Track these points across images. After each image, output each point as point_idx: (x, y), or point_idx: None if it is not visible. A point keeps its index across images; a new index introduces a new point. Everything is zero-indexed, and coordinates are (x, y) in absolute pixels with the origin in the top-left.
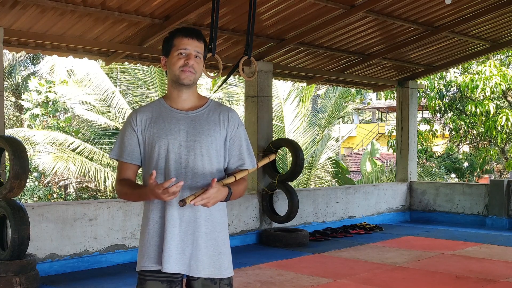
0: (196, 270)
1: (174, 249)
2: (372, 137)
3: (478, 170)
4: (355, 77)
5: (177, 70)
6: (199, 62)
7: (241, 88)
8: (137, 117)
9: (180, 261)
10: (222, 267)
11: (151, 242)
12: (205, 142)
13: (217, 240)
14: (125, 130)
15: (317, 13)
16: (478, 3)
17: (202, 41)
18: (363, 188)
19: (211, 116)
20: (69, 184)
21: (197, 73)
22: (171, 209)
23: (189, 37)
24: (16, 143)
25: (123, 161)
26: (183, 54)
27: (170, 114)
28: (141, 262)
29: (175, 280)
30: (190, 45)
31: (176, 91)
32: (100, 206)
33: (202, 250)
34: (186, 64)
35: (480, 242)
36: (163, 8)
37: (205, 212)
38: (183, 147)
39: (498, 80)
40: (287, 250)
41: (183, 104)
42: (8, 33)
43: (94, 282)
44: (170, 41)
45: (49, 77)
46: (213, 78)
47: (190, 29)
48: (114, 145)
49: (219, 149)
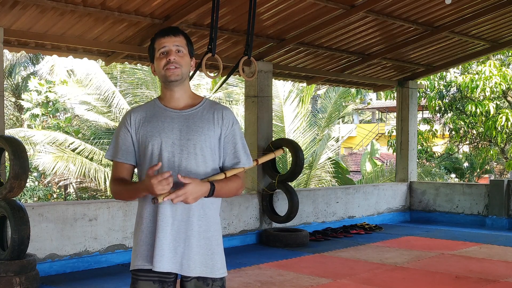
0: (188, 269)
1: (166, 248)
2: (372, 137)
3: (478, 170)
4: (355, 77)
5: (162, 70)
6: (182, 56)
7: (241, 88)
8: (131, 117)
9: (172, 260)
10: (215, 267)
11: (144, 241)
12: (199, 141)
13: (210, 240)
14: (119, 130)
15: (317, 13)
16: (478, 3)
17: (181, 35)
18: (363, 188)
19: (205, 115)
20: (69, 184)
21: (183, 66)
22: (164, 208)
23: (165, 36)
24: (16, 143)
25: (117, 161)
26: (164, 53)
27: (164, 113)
28: (134, 261)
29: (167, 280)
30: (168, 42)
31: (169, 91)
32: (100, 206)
33: (194, 249)
34: (168, 61)
35: (480, 242)
36: (163, 8)
37: (198, 211)
38: (176, 146)
39: (498, 80)
40: (287, 250)
41: (177, 103)
42: (8, 33)
43: (94, 282)
44: (151, 47)
45: (49, 77)
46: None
47: (165, 28)
48: (109, 146)
49: (213, 148)
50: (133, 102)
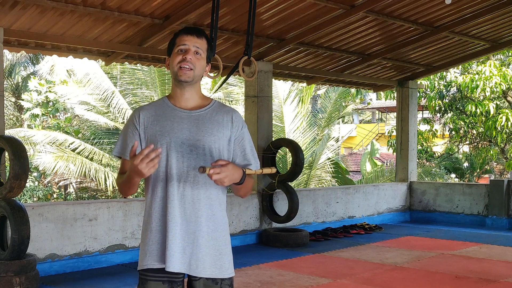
0: (196, 270)
1: (176, 248)
2: (372, 137)
3: (478, 170)
4: (355, 77)
5: (175, 67)
6: (199, 59)
7: (241, 88)
8: (140, 115)
9: (181, 261)
10: (223, 267)
11: (153, 240)
12: (208, 142)
13: (218, 240)
14: (127, 127)
15: (317, 13)
16: (478, 3)
17: (204, 38)
18: (363, 188)
19: (214, 116)
20: (69, 184)
21: (196, 69)
22: (172, 207)
23: (188, 34)
24: (16, 143)
25: (125, 159)
26: (182, 50)
27: (174, 113)
28: (143, 261)
29: (176, 281)
30: (189, 41)
31: (179, 90)
32: (100, 206)
33: (203, 250)
34: (184, 59)
35: (480, 242)
36: (163, 8)
37: (207, 211)
38: (186, 146)
39: (498, 80)
40: (287, 250)
41: (186, 103)
42: (8, 33)
43: (94, 282)
44: (173, 41)
45: (49, 77)
46: (213, 78)
47: (191, 27)
48: (117, 142)
49: (222, 150)
50: (133, 102)
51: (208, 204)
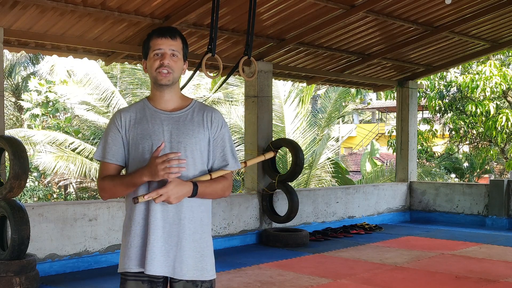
0: (180, 273)
1: (158, 252)
2: (372, 137)
3: (478, 170)
4: (355, 77)
5: (154, 72)
6: (176, 61)
7: (241, 88)
8: (121, 117)
9: (164, 264)
10: (205, 269)
11: (132, 244)
12: (189, 143)
13: (200, 242)
14: (109, 130)
15: (317, 13)
16: (478, 3)
17: (178, 38)
18: (363, 188)
19: (195, 117)
20: (69, 184)
21: (175, 71)
22: (155, 210)
23: (162, 37)
24: (16, 143)
25: (106, 162)
26: (158, 55)
27: (154, 115)
28: (122, 264)
29: (156, 281)
30: (164, 45)
31: (158, 92)
32: (100, 206)
33: (186, 252)
34: (162, 64)
35: (480, 242)
36: (163, 8)
37: (189, 213)
38: (167, 148)
39: (498, 80)
40: (287, 250)
41: (166, 104)
42: (8, 33)
43: (94, 282)
44: (147, 43)
45: (49, 77)
46: (213, 78)
47: (163, 29)
48: (98, 146)
49: (203, 151)
50: (132, 102)
51: (190, 206)
